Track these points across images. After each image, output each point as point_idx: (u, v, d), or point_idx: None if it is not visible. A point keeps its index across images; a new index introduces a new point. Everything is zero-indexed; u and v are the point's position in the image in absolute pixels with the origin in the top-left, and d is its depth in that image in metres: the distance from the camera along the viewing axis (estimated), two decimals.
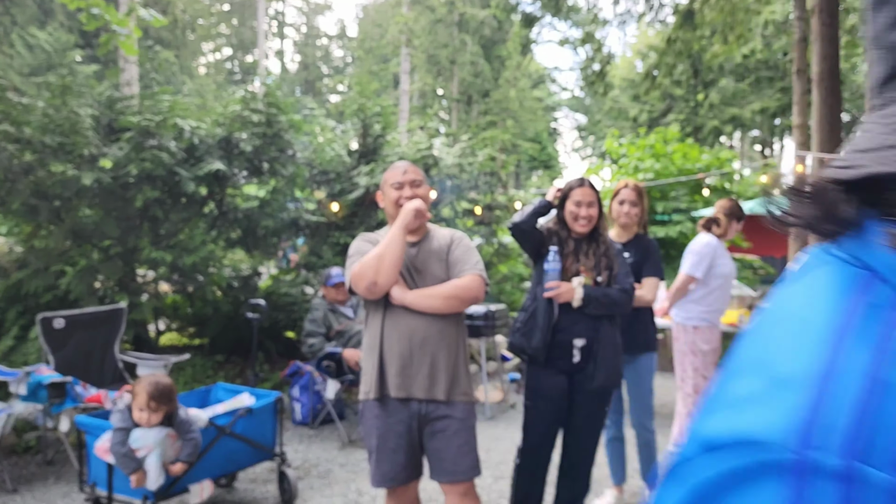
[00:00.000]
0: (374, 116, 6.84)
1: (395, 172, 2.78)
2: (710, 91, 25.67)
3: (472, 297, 2.66)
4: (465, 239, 2.83)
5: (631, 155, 10.86)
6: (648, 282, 3.73)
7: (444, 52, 34.63)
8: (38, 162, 5.27)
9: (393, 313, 2.64)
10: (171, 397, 3.32)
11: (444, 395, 2.61)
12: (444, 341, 2.64)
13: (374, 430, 2.68)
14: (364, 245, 2.74)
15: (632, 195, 3.79)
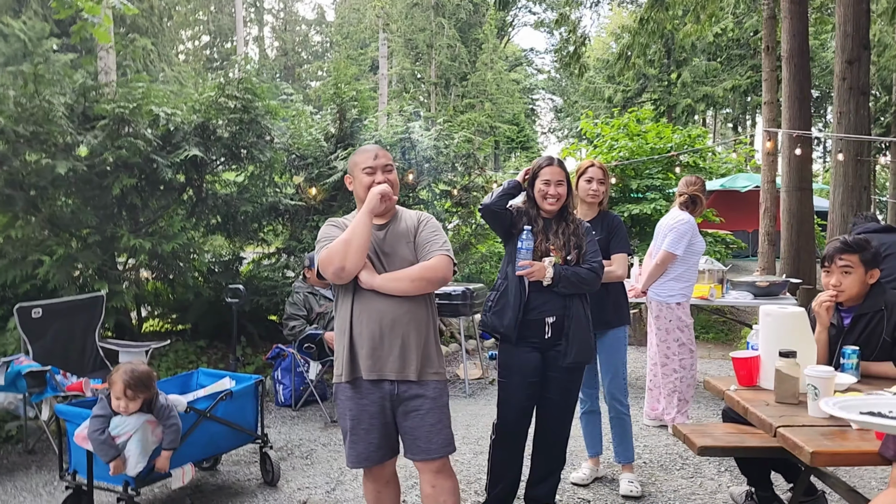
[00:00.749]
0: (350, 101, 6.85)
1: (365, 156, 2.77)
2: (682, 70, 25.82)
3: (440, 277, 2.69)
4: (432, 220, 2.84)
5: (606, 134, 10.95)
6: (618, 257, 3.81)
7: (422, 35, 34.48)
8: (11, 151, 5.24)
9: (362, 297, 2.67)
10: (149, 384, 3.34)
11: (415, 374, 2.65)
12: (414, 322, 2.67)
13: (347, 411, 2.72)
14: (332, 230, 2.75)
15: (599, 173, 3.88)
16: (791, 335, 2.94)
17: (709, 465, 4.31)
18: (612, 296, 3.88)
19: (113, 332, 6.09)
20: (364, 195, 2.72)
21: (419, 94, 36.07)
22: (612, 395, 3.95)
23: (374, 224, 2.71)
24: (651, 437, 4.91)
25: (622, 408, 3.96)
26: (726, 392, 3.04)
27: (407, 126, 6.97)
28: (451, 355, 7.49)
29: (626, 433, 4.00)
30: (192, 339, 6.43)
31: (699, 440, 3.07)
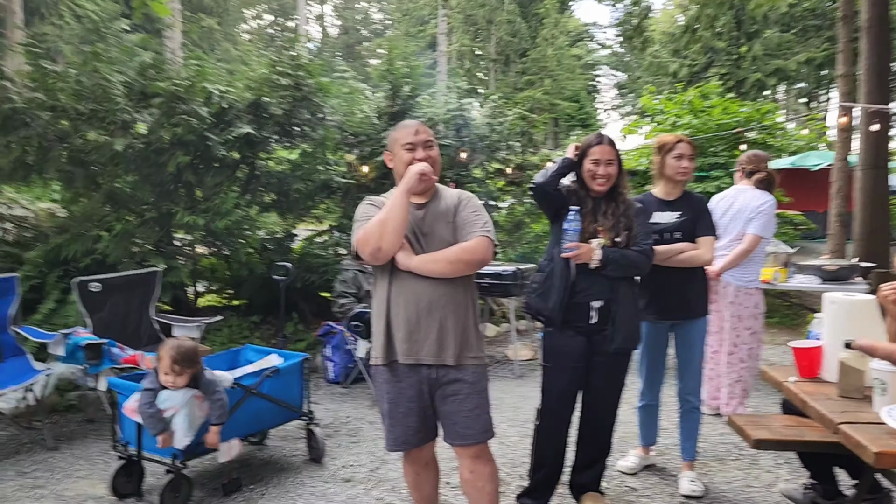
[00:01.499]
0: (403, 78, 6.77)
1: (405, 132, 2.66)
2: (753, 43, 24.73)
3: (479, 259, 2.59)
4: (474, 200, 2.73)
5: (668, 111, 10.60)
6: (705, 240, 3.55)
7: (482, 11, 34.08)
8: (72, 129, 5.37)
9: (399, 278, 2.59)
10: (195, 360, 3.38)
11: (453, 359, 2.57)
12: (452, 305, 2.58)
13: (384, 394, 2.68)
14: (369, 209, 2.66)
15: (689, 149, 3.57)
16: (858, 325, 2.76)
17: (766, 457, 4.13)
18: (696, 282, 3.62)
19: (171, 307, 6.22)
20: (403, 172, 2.62)
21: (478, 70, 35.76)
22: (687, 390, 3.71)
23: (413, 203, 2.62)
24: (705, 425, 4.72)
25: (696, 401, 3.73)
26: (784, 384, 2.89)
27: (460, 103, 6.86)
28: (502, 336, 7.41)
29: (695, 430, 3.77)
30: (246, 314, 6.52)
31: (755, 432, 2.94)
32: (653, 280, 3.55)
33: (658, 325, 3.65)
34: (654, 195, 3.67)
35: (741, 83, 25.40)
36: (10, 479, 3.90)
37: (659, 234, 3.51)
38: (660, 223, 3.55)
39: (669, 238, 3.54)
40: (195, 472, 3.96)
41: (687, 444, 3.78)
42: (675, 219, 3.57)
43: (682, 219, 3.56)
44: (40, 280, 5.43)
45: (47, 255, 5.44)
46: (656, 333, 3.68)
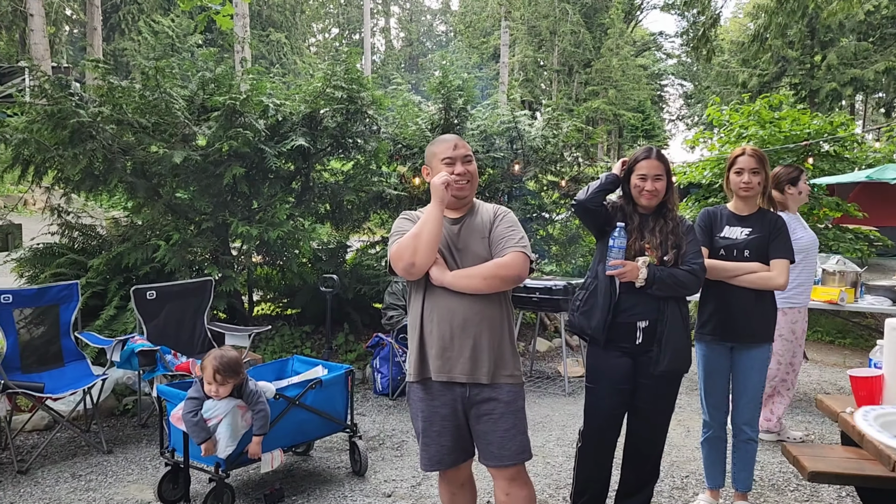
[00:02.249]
0: (456, 90, 6.77)
1: (444, 146, 2.63)
2: (828, 52, 23.87)
3: (515, 276, 2.52)
4: (510, 215, 2.68)
5: (734, 122, 10.28)
6: (778, 263, 3.33)
7: (545, 22, 34.02)
8: (136, 141, 5.55)
9: (433, 294, 2.55)
10: (237, 370, 3.42)
11: (487, 377, 2.52)
12: (486, 322, 2.53)
13: (419, 412, 2.65)
14: (404, 223, 2.64)
15: (750, 162, 3.38)
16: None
17: (828, 488, 3.92)
18: (762, 305, 3.39)
19: (226, 314, 6.36)
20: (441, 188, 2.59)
21: (541, 81, 35.61)
22: (744, 420, 3.48)
23: (448, 218, 2.61)
24: (763, 452, 4.54)
25: (752, 433, 3.50)
26: (841, 415, 2.73)
27: (514, 115, 6.81)
28: (554, 351, 7.30)
29: (751, 460, 3.54)
30: (299, 323, 6.60)
31: (811, 464, 2.79)
32: (715, 297, 3.43)
33: (717, 346, 3.46)
34: (728, 208, 3.52)
35: (814, 93, 24.53)
36: (66, 481, 4.03)
37: (726, 251, 3.38)
38: (728, 238, 3.41)
39: (737, 255, 3.38)
40: (239, 481, 4.02)
41: (741, 474, 3.56)
42: (745, 236, 3.39)
43: (753, 237, 3.38)
44: (103, 287, 5.62)
45: (110, 263, 5.63)
46: (716, 356, 3.47)
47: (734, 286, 3.36)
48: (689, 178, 10.10)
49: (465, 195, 2.61)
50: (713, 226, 3.49)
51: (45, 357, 4.61)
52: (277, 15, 41.54)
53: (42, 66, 15.90)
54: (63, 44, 28.93)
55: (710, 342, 3.46)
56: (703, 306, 3.53)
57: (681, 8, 29.98)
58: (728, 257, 3.39)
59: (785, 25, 13.77)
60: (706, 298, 3.52)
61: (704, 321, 3.48)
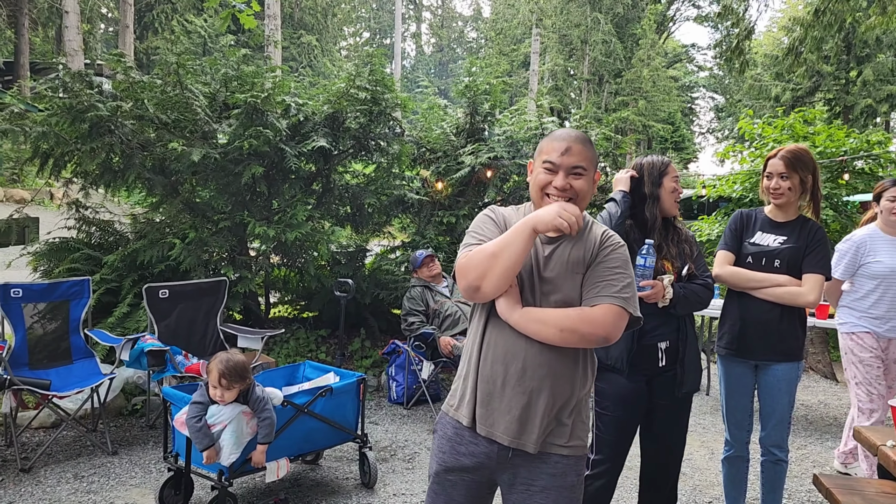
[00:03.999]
0: (482, 95, 6.63)
1: (554, 145, 1.98)
2: (864, 67, 23.39)
3: (600, 336, 1.87)
4: (621, 250, 2.00)
5: (767, 136, 10.03)
6: (811, 279, 3.08)
7: (576, 31, 33.80)
8: (156, 138, 5.49)
9: (496, 324, 1.98)
10: (243, 375, 3.30)
11: (534, 446, 1.93)
12: (551, 378, 1.91)
13: (437, 451, 2.09)
14: (486, 227, 2.04)
15: (778, 166, 3.11)
16: None
17: None
18: (790, 322, 3.15)
19: (241, 315, 6.26)
20: (536, 195, 2.01)
21: (570, 90, 35.39)
22: (773, 441, 3.25)
23: (542, 235, 1.97)
24: (791, 479, 4.32)
25: (782, 454, 3.25)
26: (881, 448, 2.52)
27: (541, 122, 6.65)
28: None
29: (780, 483, 3.32)
30: (315, 327, 6.49)
31: (845, 498, 2.59)
32: (737, 310, 3.23)
33: (737, 362, 3.26)
34: (765, 212, 3.29)
35: (849, 109, 24.06)
36: (68, 481, 3.93)
37: (753, 258, 3.17)
38: (760, 245, 3.20)
39: (766, 265, 3.16)
40: (244, 489, 3.91)
41: (770, 496, 3.34)
42: (778, 244, 3.16)
43: (787, 246, 3.14)
44: (117, 284, 5.55)
45: (125, 260, 5.56)
46: (737, 373, 3.27)
47: (757, 298, 3.15)
48: (720, 191, 9.87)
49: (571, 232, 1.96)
50: (744, 229, 3.28)
51: (54, 354, 4.53)
52: (309, 17, 41.84)
53: (75, 62, 16.07)
54: (97, 41, 29.34)
55: (728, 357, 3.27)
56: (723, 318, 3.33)
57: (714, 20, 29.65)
58: (755, 265, 3.18)
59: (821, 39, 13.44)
60: (727, 309, 3.32)
61: (724, 333, 3.29)
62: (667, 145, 34.76)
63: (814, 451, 4.88)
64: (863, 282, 3.95)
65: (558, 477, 1.96)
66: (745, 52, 13.53)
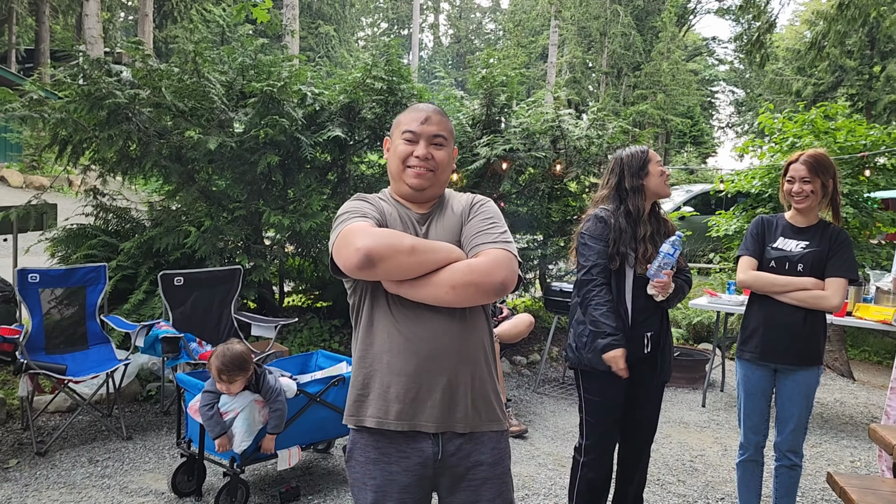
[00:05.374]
0: (499, 86, 6.59)
1: (412, 115, 1.92)
2: (888, 62, 23.06)
3: (496, 282, 1.76)
4: (488, 204, 1.97)
5: (787, 130, 9.90)
6: (834, 282, 3.08)
7: (595, 23, 33.58)
8: (173, 125, 5.51)
9: (392, 308, 1.84)
10: (243, 366, 3.29)
11: (464, 425, 1.84)
12: (465, 351, 1.84)
13: (367, 479, 1.86)
14: (364, 206, 1.90)
15: (801, 170, 3.11)
16: None
17: None
18: (812, 326, 3.15)
19: (256, 304, 6.29)
20: (396, 169, 1.92)
21: (588, 83, 35.19)
22: (789, 446, 3.23)
23: (414, 214, 1.93)
24: (805, 477, 4.28)
25: (797, 459, 3.24)
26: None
27: (558, 114, 6.60)
28: None
29: (794, 487, 3.30)
30: (329, 317, 6.50)
31: (859, 497, 2.56)
32: (760, 313, 3.23)
33: (759, 366, 3.24)
34: (785, 218, 3.28)
35: (872, 105, 23.74)
36: (83, 465, 3.97)
37: (776, 263, 3.18)
38: (782, 251, 3.19)
39: (789, 269, 3.15)
40: (255, 476, 3.93)
41: (782, 500, 3.32)
42: (801, 249, 3.16)
43: (809, 250, 3.13)
44: (133, 271, 5.59)
45: (141, 247, 5.59)
46: (757, 377, 3.25)
47: (781, 302, 3.15)
48: (738, 186, 9.77)
49: (423, 186, 1.90)
50: (766, 235, 3.27)
51: (70, 339, 4.58)
52: (327, 7, 41.84)
53: (95, 50, 16.18)
54: (117, 29, 29.52)
55: (751, 361, 3.26)
56: (747, 322, 3.32)
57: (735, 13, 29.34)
58: (779, 270, 3.17)
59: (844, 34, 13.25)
60: (750, 313, 3.31)
61: (746, 338, 3.28)
62: (685, 139, 34.50)
63: (829, 450, 4.84)
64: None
65: (496, 464, 1.89)
66: (766, 45, 13.39)
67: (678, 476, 4.24)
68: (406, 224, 1.90)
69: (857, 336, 8.48)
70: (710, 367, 6.06)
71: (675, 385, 6.33)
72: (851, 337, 8.39)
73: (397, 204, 1.95)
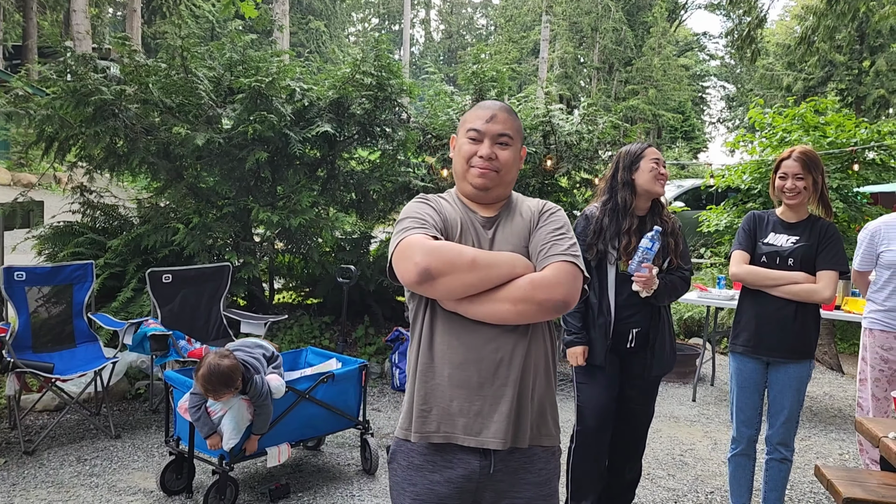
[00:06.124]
0: (489, 81, 6.58)
1: (478, 113, 1.87)
2: (877, 57, 23.17)
3: (558, 300, 1.70)
4: (559, 213, 1.89)
5: (777, 125, 9.93)
6: (826, 275, 3.11)
7: (587, 19, 33.60)
8: (160, 122, 5.47)
9: (445, 321, 1.79)
10: (229, 382, 3.22)
11: (526, 440, 1.77)
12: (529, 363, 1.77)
13: (407, 487, 1.82)
14: (427, 211, 1.84)
15: (794, 167, 3.14)
16: None
17: None
18: (804, 319, 3.17)
19: (245, 302, 6.26)
20: (460, 168, 1.87)
21: (580, 78, 35.20)
22: (779, 439, 3.27)
23: (479, 218, 1.87)
24: (794, 470, 4.30)
25: (788, 453, 3.29)
26: (882, 439, 2.50)
27: (548, 109, 6.59)
28: None
29: (783, 481, 3.34)
30: (319, 314, 6.48)
31: (846, 489, 2.56)
32: (752, 307, 3.26)
33: (751, 360, 3.27)
34: (776, 214, 3.32)
35: (861, 100, 23.84)
36: (70, 464, 3.95)
37: (768, 258, 3.22)
38: (773, 246, 3.23)
39: (780, 264, 3.19)
40: (245, 474, 3.92)
41: (771, 494, 3.35)
42: (791, 244, 3.20)
43: (799, 245, 3.17)
44: (121, 268, 5.55)
45: (129, 244, 5.55)
46: (749, 370, 3.28)
47: (773, 296, 3.17)
48: (728, 181, 9.80)
49: (487, 186, 1.83)
50: (758, 230, 3.31)
51: (57, 337, 4.55)
52: (318, 3, 41.67)
53: (83, 46, 16.06)
54: (105, 25, 29.32)
55: (743, 354, 3.28)
56: (739, 316, 3.35)
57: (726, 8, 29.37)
58: (770, 265, 3.21)
59: (834, 28, 13.32)
60: (742, 307, 3.34)
61: (739, 332, 3.31)
62: (676, 135, 34.57)
63: (817, 443, 4.86)
64: (880, 272, 3.73)
65: (543, 485, 1.83)
66: (756, 40, 13.43)
67: (668, 470, 4.25)
68: (468, 230, 1.83)
69: (846, 330, 8.52)
70: (700, 362, 6.08)
71: (665, 380, 6.34)
72: (840, 331, 8.42)
73: (462, 206, 1.89)
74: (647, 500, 3.80)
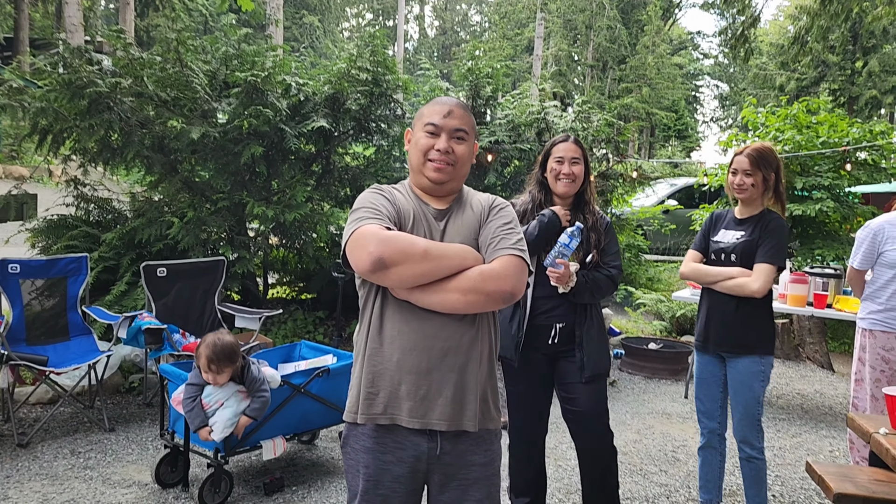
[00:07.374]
0: (485, 78, 6.59)
1: (435, 108, 1.93)
2: (870, 58, 23.30)
3: (505, 291, 1.78)
4: (508, 208, 1.98)
5: (770, 125, 9.97)
6: (759, 268, 3.11)
7: (581, 16, 33.66)
8: (155, 115, 5.46)
9: (395, 309, 1.85)
10: (232, 357, 3.28)
11: (474, 423, 1.86)
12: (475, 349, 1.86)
13: (359, 467, 1.89)
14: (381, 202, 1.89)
15: (743, 163, 3.17)
16: None
17: None
18: (746, 313, 3.19)
19: (239, 296, 6.26)
20: (416, 162, 1.93)
21: (574, 76, 35.25)
22: (743, 437, 3.26)
23: (432, 210, 1.94)
24: (785, 467, 4.34)
25: (754, 451, 3.25)
26: (873, 435, 2.53)
27: (542, 106, 6.61)
28: None
29: (760, 479, 3.31)
30: (313, 309, 6.49)
31: (837, 485, 2.59)
32: (704, 304, 3.36)
33: (707, 356, 3.36)
34: (733, 212, 3.37)
35: (854, 100, 23.97)
36: (65, 457, 3.95)
37: (716, 255, 3.29)
38: (720, 242, 3.29)
39: (725, 260, 3.25)
40: (240, 467, 3.92)
41: (749, 491, 3.34)
42: (736, 240, 3.24)
43: (742, 240, 3.20)
44: (115, 262, 5.54)
45: (123, 238, 5.55)
46: (705, 363, 3.37)
47: (717, 292, 3.25)
48: (721, 180, 9.85)
49: (443, 179, 1.90)
50: (711, 229, 3.39)
51: (51, 330, 4.54)
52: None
53: (75, 38, 15.95)
54: (98, 17, 29.14)
55: (698, 349, 3.40)
56: (697, 312, 3.46)
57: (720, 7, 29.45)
58: (717, 262, 3.28)
59: (827, 29, 13.37)
60: (700, 305, 3.44)
61: (697, 327, 3.42)
62: (670, 133, 34.69)
63: (808, 440, 4.90)
64: (881, 271, 3.68)
65: (487, 465, 1.93)
66: (750, 40, 13.47)
67: (660, 466, 4.28)
68: (421, 221, 1.90)
69: (838, 328, 8.59)
70: (692, 359, 6.11)
71: (657, 377, 6.39)
72: (832, 329, 8.49)
73: (415, 198, 1.96)
74: (639, 496, 3.84)
